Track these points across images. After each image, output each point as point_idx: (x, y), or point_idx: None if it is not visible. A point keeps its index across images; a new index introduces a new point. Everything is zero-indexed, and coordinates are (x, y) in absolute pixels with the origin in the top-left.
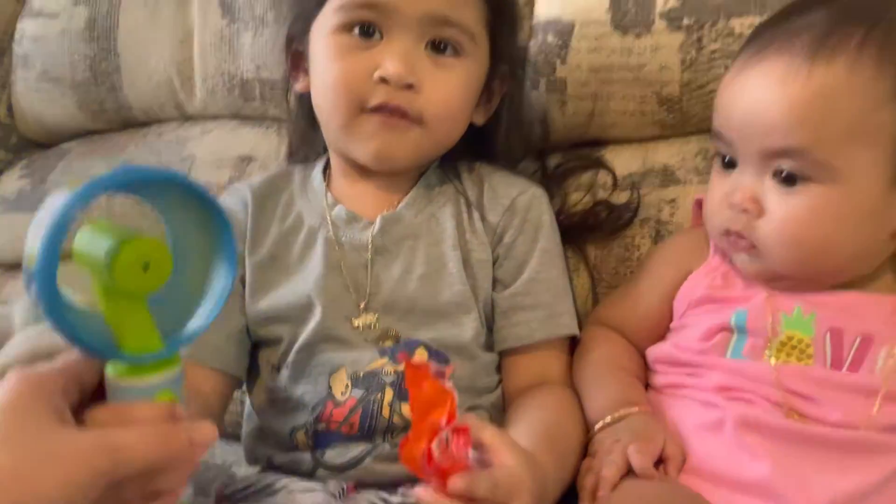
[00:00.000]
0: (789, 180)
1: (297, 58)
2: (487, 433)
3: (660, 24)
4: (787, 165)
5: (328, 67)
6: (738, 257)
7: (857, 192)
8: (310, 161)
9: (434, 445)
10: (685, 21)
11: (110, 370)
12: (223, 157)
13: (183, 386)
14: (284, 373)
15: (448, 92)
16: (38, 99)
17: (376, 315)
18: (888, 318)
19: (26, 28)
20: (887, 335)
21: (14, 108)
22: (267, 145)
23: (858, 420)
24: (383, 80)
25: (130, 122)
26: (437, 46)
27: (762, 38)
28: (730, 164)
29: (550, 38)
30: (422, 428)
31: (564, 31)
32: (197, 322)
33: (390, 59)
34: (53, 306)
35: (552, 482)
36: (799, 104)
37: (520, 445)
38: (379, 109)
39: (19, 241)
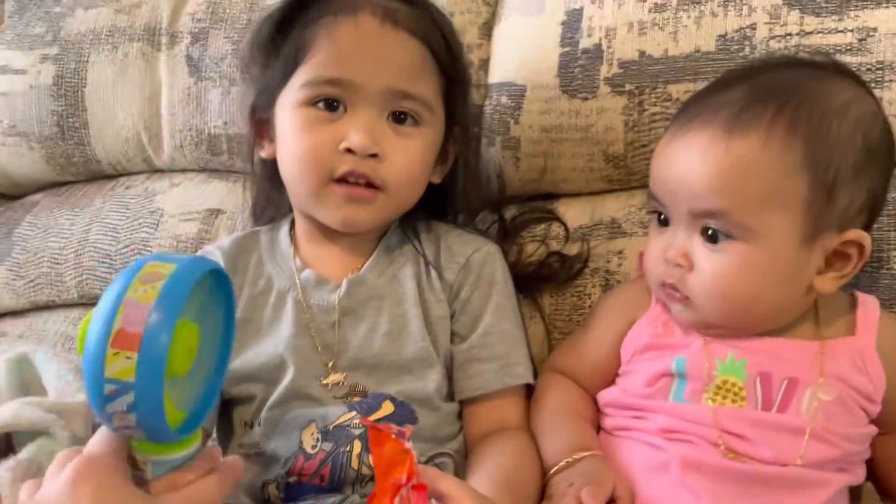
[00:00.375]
0: (714, 238)
1: (261, 125)
2: (447, 484)
3: (604, 89)
4: (712, 224)
5: (296, 139)
6: (674, 308)
7: (773, 250)
8: (275, 221)
9: (395, 502)
10: (627, 86)
11: (152, 448)
12: (192, 210)
13: None
14: (257, 429)
15: (409, 160)
16: (5, 152)
17: (344, 374)
18: (811, 362)
19: None
20: (810, 378)
21: None
22: (234, 198)
23: (788, 457)
24: (349, 151)
25: (98, 175)
26: (398, 117)
27: (689, 112)
28: (665, 222)
29: (504, 100)
30: (385, 486)
31: (517, 94)
32: (208, 394)
33: (355, 131)
34: (157, 417)
35: None
36: (719, 172)
37: (479, 494)
38: (345, 178)
39: None
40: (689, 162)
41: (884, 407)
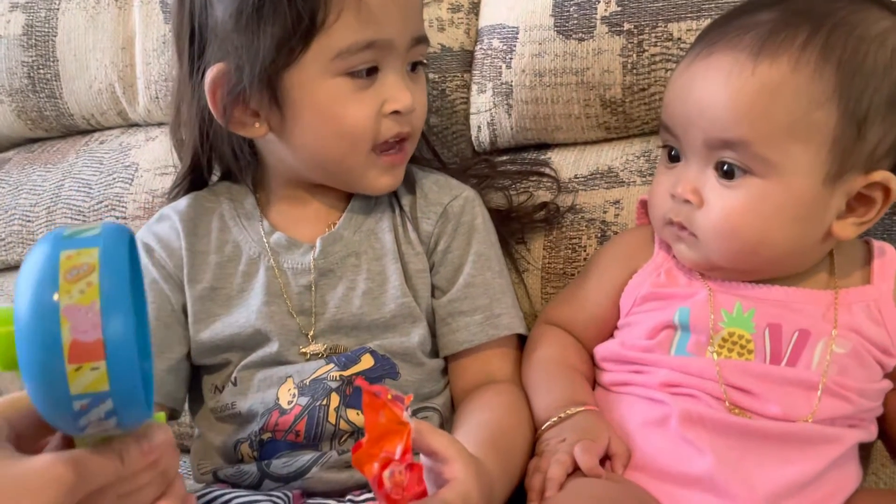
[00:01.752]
0: (730, 174)
1: (234, 101)
2: (440, 442)
3: (601, 29)
4: (728, 157)
5: (339, 114)
6: (677, 246)
7: (793, 188)
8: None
9: (385, 475)
10: (626, 26)
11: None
12: (167, 164)
13: None
14: (229, 389)
15: (425, 103)
16: None
17: (325, 345)
18: (824, 313)
19: None
20: (823, 330)
21: None
22: None
23: (797, 413)
24: (395, 113)
25: (72, 130)
26: (414, 65)
27: (712, 35)
28: (675, 158)
29: (496, 43)
30: (373, 452)
31: (509, 37)
32: (150, 357)
33: (399, 92)
34: (138, 411)
35: (499, 483)
36: (742, 98)
37: (469, 454)
38: (393, 142)
39: None
40: (711, 86)
41: None
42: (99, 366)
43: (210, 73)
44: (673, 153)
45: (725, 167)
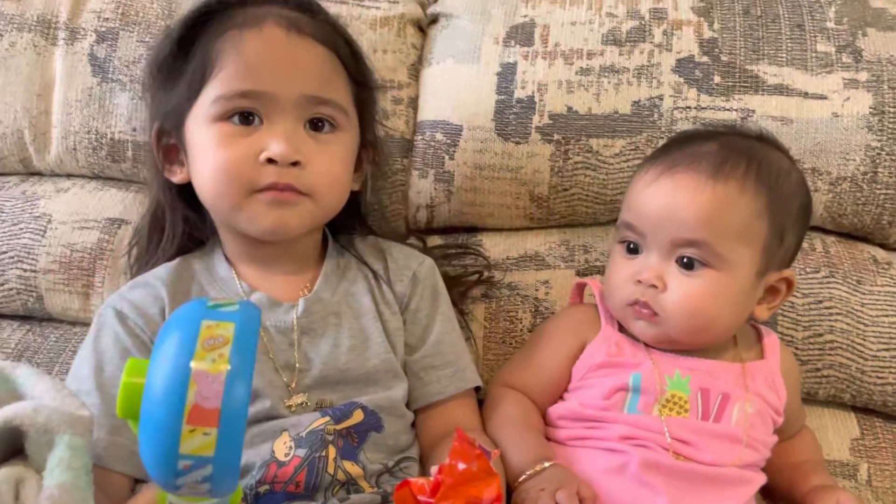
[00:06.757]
0: (689, 266)
1: (168, 151)
2: None
3: (535, 136)
4: (689, 253)
5: (213, 156)
6: (637, 324)
7: (737, 279)
8: (197, 248)
9: None
10: (555, 136)
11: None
12: (89, 218)
13: None
14: None
15: (331, 165)
16: None
17: (306, 394)
18: (737, 381)
19: None
20: (738, 394)
21: None
22: (137, 209)
23: (725, 460)
24: (270, 161)
25: None
26: (315, 124)
27: (668, 158)
28: (634, 251)
29: (440, 137)
30: (453, 495)
31: (453, 132)
32: None
33: (275, 140)
34: (231, 482)
35: None
36: (705, 209)
37: None
38: (269, 188)
39: None
40: (678, 198)
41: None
42: (211, 432)
43: (152, 131)
44: (631, 247)
45: (685, 260)
